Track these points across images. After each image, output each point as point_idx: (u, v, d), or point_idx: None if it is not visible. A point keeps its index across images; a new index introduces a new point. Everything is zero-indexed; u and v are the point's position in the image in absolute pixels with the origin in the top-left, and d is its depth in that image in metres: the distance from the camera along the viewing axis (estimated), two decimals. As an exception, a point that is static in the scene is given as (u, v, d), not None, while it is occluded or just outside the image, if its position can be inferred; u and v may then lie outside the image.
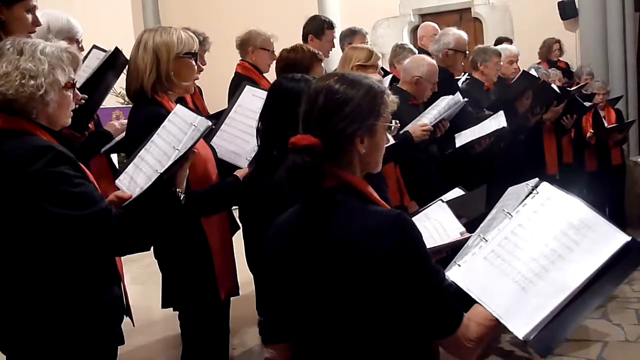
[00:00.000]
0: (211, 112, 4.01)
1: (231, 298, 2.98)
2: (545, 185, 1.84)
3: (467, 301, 1.71)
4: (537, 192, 1.83)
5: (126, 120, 3.20)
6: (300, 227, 1.74)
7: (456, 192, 2.98)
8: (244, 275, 2.92)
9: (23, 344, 2.07)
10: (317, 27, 5.31)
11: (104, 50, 3.27)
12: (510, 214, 1.84)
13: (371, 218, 1.64)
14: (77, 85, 2.24)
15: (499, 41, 7.45)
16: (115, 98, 7.11)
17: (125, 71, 3.22)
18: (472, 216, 2.60)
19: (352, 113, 1.67)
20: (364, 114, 1.69)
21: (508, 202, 2.05)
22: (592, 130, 7.07)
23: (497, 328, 1.69)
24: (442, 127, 4.33)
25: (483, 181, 3.18)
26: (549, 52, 7.76)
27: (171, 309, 2.92)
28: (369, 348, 1.65)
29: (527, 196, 1.85)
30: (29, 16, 2.82)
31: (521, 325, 1.63)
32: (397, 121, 3.76)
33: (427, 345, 1.71)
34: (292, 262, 1.74)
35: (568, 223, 1.71)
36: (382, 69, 5.19)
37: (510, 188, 2.19)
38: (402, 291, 1.59)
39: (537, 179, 1.94)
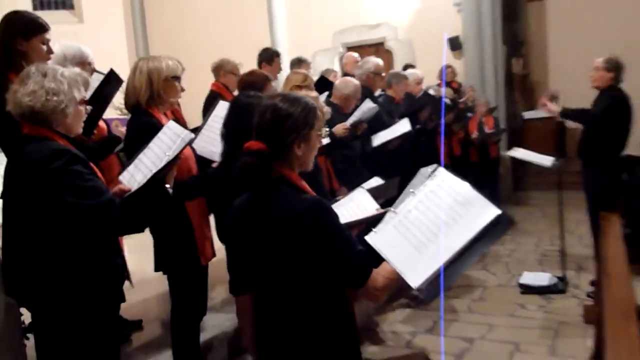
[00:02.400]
0: (187, 119, 3.98)
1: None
2: (441, 170, 1.87)
3: (378, 259, 1.76)
4: (435, 175, 1.86)
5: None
6: (251, 208, 1.76)
7: (375, 180, 3.02)
8: (218, 243, 2.91)
9: (48, 303, 2.03)
10: (268, 56, 5.32)
11: (102, 73, 3.21)
12: (414, 193, 1.86)
13: (301, 203, 1.67)
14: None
15: (405, 67, 7.55)
16: (114, 111, 6.98)
17: (122, 89, 3.18)
18: (387, 198, 2.64)
19: (292, 125, 1.71)
20: (301, 126, 1.72)
21: (415, 182, 2.09)
22: (476, 133, 7.26)
23: (398, 280, 1.73)
24: (360, 127, 4.40)
25: (395, 171, 3.22)
26: (441, 74, 7.89)
27: (161, 272, 2.89)
28: (302, 295, 1.70)
29: (428, 178, 1.88)
30: (44, 47, 2.75)
31: (415, 278, 1.67)
32: (328, 129, 3.81)
33: (342, 293, 1.75)
34: (245, 234, 1.77)
35: (456, 199, 1.74)
36: (320, 77, 5.20)
37: (421, 169, 2.24)
38: (323, 254, 1.65)
39: (436, 165, 1.98)
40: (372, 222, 2.05)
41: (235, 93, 4.24)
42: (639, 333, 1.98)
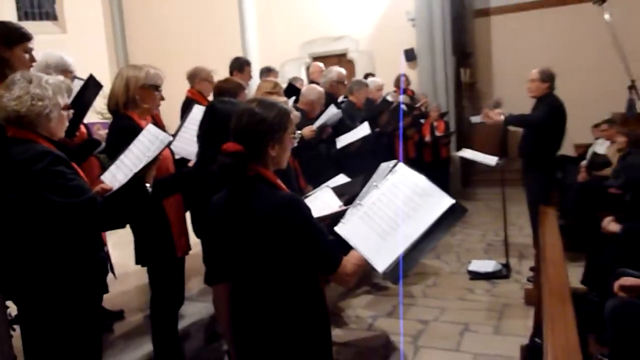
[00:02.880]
0: (165, 123, 3.90)
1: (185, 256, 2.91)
2: (401, 165, 1.89)
3: (347, 247, 1.76)
4: (395, 170, 1.87)
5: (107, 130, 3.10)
6: (229, 203, 1.74)
7: (341, 178, 3.02)
8: (194, 238, 2.86)
9: (34, 295, 1.98)
10: (239, 64, 5.24)
11: (83, 79, 3.13)
12: (377, 186, 1.87)
13: (276, 198, 1.67)
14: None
15: (366, 76, 7.56)
16: (96, 115, 6.80)
17: (102, 93, 3.11)
18: (351, 194, 2.65)
19: (266, 128, 1.70)
20: (275, 129, 1.71)
21: (378, 177, 2.10)
22: (429, 136, 7.35)
23: (366, 266, 1.74)
24: (325, 131, 4.41)
25: (358, 171, 3.23)
26: (398, 82, 7.95)
27: (140, 265, 2.83)
28: (276, 282, 1.70)
29: (389, 173, 1.90)
30: (27, 55, 2.65)
31: (381, 263, 1.68)
32: (299, 132, 3.79)
33: (315, 279, 1.76)
34: (224, 227, 1.75)
35: (415, 191, 1.76)
36: (289, 85, 5.17)
37: (381, 165, 2.25)
38: (298, 245, 1.65)
39: (396, 161, 2.00)
40: (335, 218, 2.06)
41: (210, 99, 4.19)
42: (574, 313, 2.04)
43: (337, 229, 1.83)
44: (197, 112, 3.03)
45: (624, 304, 2.46)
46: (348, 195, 2.62)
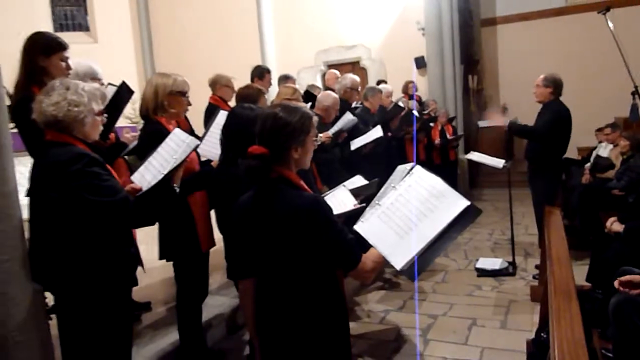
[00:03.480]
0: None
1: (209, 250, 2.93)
2: (418, 167, 1.88)
3: (366, 245, 1.76)
4: (413, 172, 1.86)
5: (134, 133, 3.14)
6: (255, 204, 1.74)
7: (358, 178, 3.03)
8: (217, 235, 2.88)
9: (70, 287, 2.01)
10: (260, 72, 5.27)
11: (115, 85, 3.17)
12: (395, 187, 1.86)
13: (299, 199, 1.67)
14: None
15: (378, 82, 7.55)
16: (125, 120, 6.91)
17: (133, 99, 3.15)
18: (366, 195, 2.65)
19: (290, 132, 1.69)
20: (298, 132, 1.71)
21: (395, 178, 2.10)
22: (439, 139, 7.31)
23: (384, 263, 1.74)
24: (341, 136, 4.41)
25: (371, 173, 3.23)
26: (407, 88, 7.90)
27: (164, 260, 2.86)
28: (299, 278, 1.69)
29: (406, 175, 1.89)
30: (63, 63, 2.69)
31: (399, 261, 1.68)
32: (321, 135, 3.81)
33: (334, 274, 1.75)
34: (250, 226, 1.75)
35: (431, 193, 1.75)
36: (305, 92, 5.17)
37: (398, 167, 2.24)
38: (320, 243, 1.65)
39: (413, 163, 1.99)
40: (350, 216, 2.06)
41: (231, 104, 4.21)
42: (579, 309, 2.02)
43: (356, 227, 1.83)
44: (222, 117, 3.05)
45: (627, 300, 2.42)
46: (363, 196, 2.63)
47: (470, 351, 3.35)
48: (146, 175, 2.17)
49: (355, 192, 2.61)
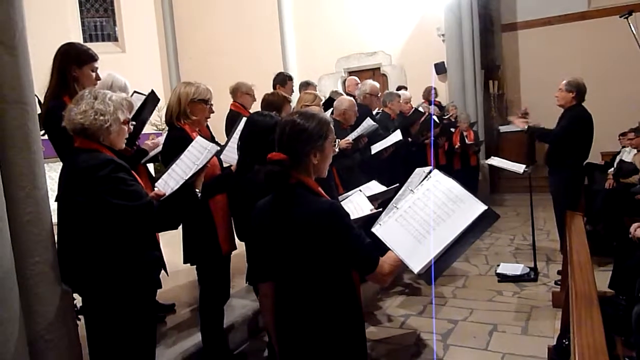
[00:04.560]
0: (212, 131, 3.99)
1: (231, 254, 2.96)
2: (435, 171, 1.85)
3: (384, 248, 1.75)
4: (431, 176, 1.84)
5: (155, 141, 3.21)
6: (273, 209, 1.75)
7: (373, 183, 3.02)
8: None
9: (97, 289, 2.05)
10: (282, 79, 5.30)
11: (141, 94, 3.23)
12: (413, 191, 1.85)
13: (317, 205, 1.67)
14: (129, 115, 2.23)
15: (398, 88, 7.53)
16: (151, 127, 7.03)
17: (159, 106, 3.21)
18: (384, 199, 2.64)
19: (308, 138, 1.70)
20: (316, 138, 1.71)
21: (413, 181, 2.08)
22: (459, 144, 7.24)
23: (401, 267, 1.73)
24: (362, 141, 4.40)
25: (390, 178, 3.21)
26: (428, 94, 7.86)
27: (188, 264, 2.89)
28: (317, 282, 1.70)
29: (424, 178, 1.87)
30: (93, 74, 2.76)
31: (416, 264, 1.66)
32: (339, 140, 3.80)
33: (350, 278, 1.75)
34: (269, 231, 1.75)
35: (449, 197, 1.72)
36: (328, 99, 5.19)
37: (416, 169, 2.22)
38: (336, 248, 1.65)
39: (431, 167, 1.97)
40: (367, 221, 2.05)
41: (252, 111, 4.25)
42: (600, 315, 1.97)
43: (374, 230, 1.83)
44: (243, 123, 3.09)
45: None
46: (382, 199, 2.62)
47: (491, 357, 3.30)
48: (169, 182, 2.20)
49: (373, 197, 2.61)
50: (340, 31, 10.00)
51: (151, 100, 3.10)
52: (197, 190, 2.18)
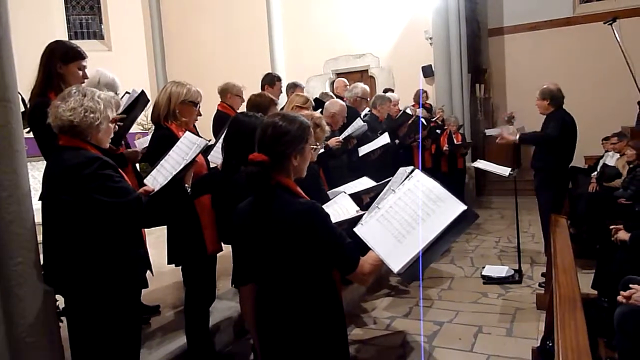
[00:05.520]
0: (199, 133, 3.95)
1: (216, 255, 2.93)
2: (417, 171, 1.87)
3: (365, 248, 1.76)
4: (412, 176, 1.85)
5: (139, 143, 3.17)
6: (254, 210, 1.75)
7: (364, 180, 3.02)
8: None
9: (81, 289, 2.02)
10: (270, 80, 5.25)
11: (133, 95, 3.19)
12: (394, 191, 1.86)
13: (296, 205, 1.68)
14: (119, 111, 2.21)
15: (385, 91, 7.56)
16: (137, 126, 6.98)
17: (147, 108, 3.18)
18: (376, 192, 2.64)
19: (289, 140, 1.71)
20: (297, 141, 1.73)
21: (395, 181, 2.09)
22: (447, 146, 7.28)
23: (382, 266, 1.73)
24: (351, 142, 4.41)
25: (377, 179, 3.22)
26: (417, 97, 7.91)
27: (172, 264, 2.86)
28: (298, 283, 1.71)
29: (406, 178, 1.88)
30: (80, 72, 2.72)
31: (396, 264, 1.67)
32: (325, 142, 3.79)
33: (332, 281, 1.77)
34: (249, 232, 1.76)
35: (429, 197, 1.74)
36: (316, 99, 5.18)
37: (400, 169, 2.23)
38: (316, 248, 1.66)
39: (412, 167, 1.98)
40: (352, 223, 2.06)
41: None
42: (584, 317, 2.00)
43: (356, 229, 1.84)
44: None
45: (632, 311, 2.39)
46: (373, 193, 2.61)
47: (476, 358, 3.32)
48: (158, 178, 2.19)
49: (365, 191, 2.60)
50: (328, 33, 10.01)
51: (141, 100, 3.07)
52: (187, 185, 2.17)
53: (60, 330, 2.21)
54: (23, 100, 2.75)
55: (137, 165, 3.47)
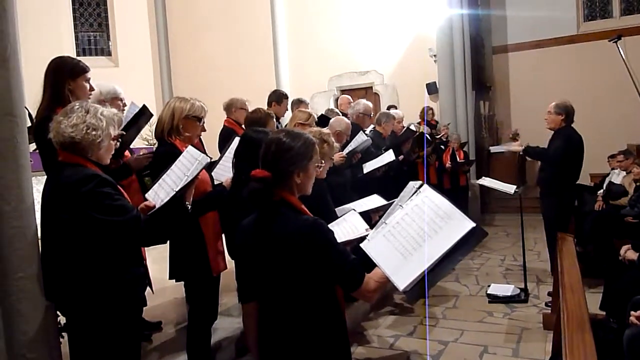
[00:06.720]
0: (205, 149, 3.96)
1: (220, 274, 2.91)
2: (425, 186, 1.85)
3: (371, 264, 1.74)
4: (420, 191, 1.83)
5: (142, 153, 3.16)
6: (257, 227, 1.74)
7: (374, 197, 3.01)
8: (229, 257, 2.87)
9: (81, 306, 2.00)
10: (278, 97, 5.27)
11: (137, 106, 3.22)
12: (402, 206, 1.84)
13: (300, 222, 1.67)
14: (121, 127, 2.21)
15: (389, 107, 7.59)
16: (142, 141, 6.99)
17: (151, 122, 3.19)
18: (383, 212, 2.63)
19: (292, 157, 1.70)
20: (300, 158, 1.72)
21: (403, 197, 2.06)
22: (450, 163, 7.27)
23: (388, 283, 1.71)
24: (355, 157, 4.41)
25: (381, 194, 3.20)
26: (423, 114, 7.92)
27: (173, 280, 2.84)
28: (301, 301, 1.69)
29: (414, 193, 1.86)
30: (87, 84, 2.75)
31: (401, 281, 1.64)
32: (323, 161, 3.78)
33: (336, 299, 1.75)
34: (252, 249, 1.75)
35: (437, 213, 1.71)
36: (321, 115, 5.20)
37: (409, 183, 2.20)
38: (320, 265, 1.64)
39: (421, 182, 1.96)
40: (360, 241, 2.04)
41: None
42: (592, 339, 1.96)
43: (362, 245, 1.82)
44: (237, 143, 3.07)
45: (642, 332, 2.35)
46: (383, 212, 2.60)
47: (482, 379, 3.27)
48: (160, 193, 2.17)
49: (375, 210, 2.58)
50: (333, 50, 10.09)
51: (143, 114, 3.08)
52: (187, 202, 2.16)
53: (61, 346, 2.19)
54: (30, 115, 2.76)
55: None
